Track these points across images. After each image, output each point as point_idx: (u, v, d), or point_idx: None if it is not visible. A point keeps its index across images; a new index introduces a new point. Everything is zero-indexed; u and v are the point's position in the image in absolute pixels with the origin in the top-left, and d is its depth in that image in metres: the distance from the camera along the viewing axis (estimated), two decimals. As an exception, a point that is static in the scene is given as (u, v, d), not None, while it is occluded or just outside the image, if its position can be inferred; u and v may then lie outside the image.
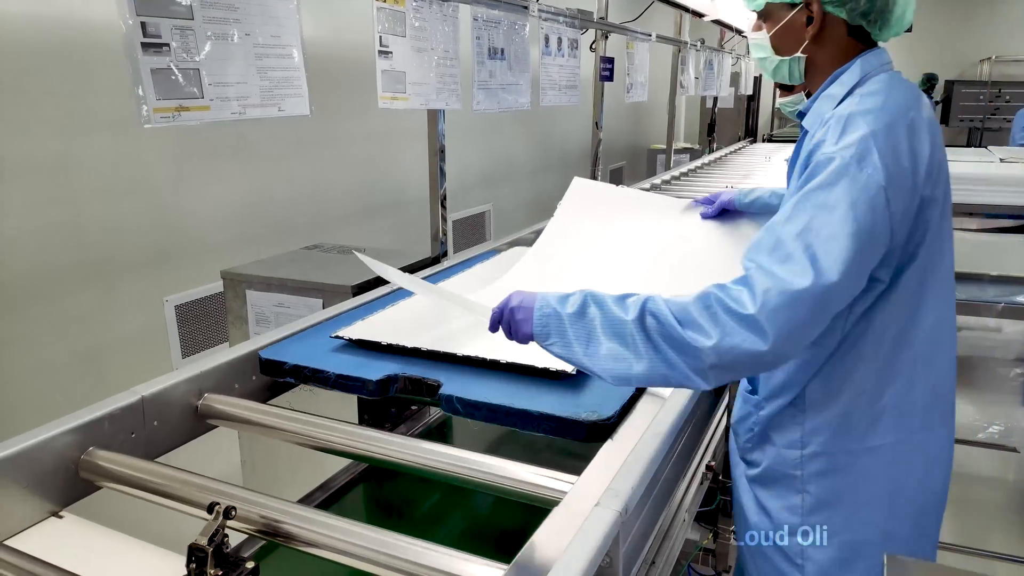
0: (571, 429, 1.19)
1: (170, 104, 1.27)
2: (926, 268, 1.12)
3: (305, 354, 1.52)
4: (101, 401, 1.31)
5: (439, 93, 2.12)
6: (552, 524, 0.97)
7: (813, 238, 1.00)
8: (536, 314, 1.09)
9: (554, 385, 1.32)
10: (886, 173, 1.02)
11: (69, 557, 0.97)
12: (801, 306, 0.97)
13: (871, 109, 1.07)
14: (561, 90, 3.03)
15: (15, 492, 1.14)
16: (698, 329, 1.00)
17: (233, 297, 2.31)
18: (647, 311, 1.03)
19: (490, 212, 5.75)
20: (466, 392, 1.30)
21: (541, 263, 1.92)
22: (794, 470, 1.22)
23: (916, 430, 1.17)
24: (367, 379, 1.38)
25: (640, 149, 8.61)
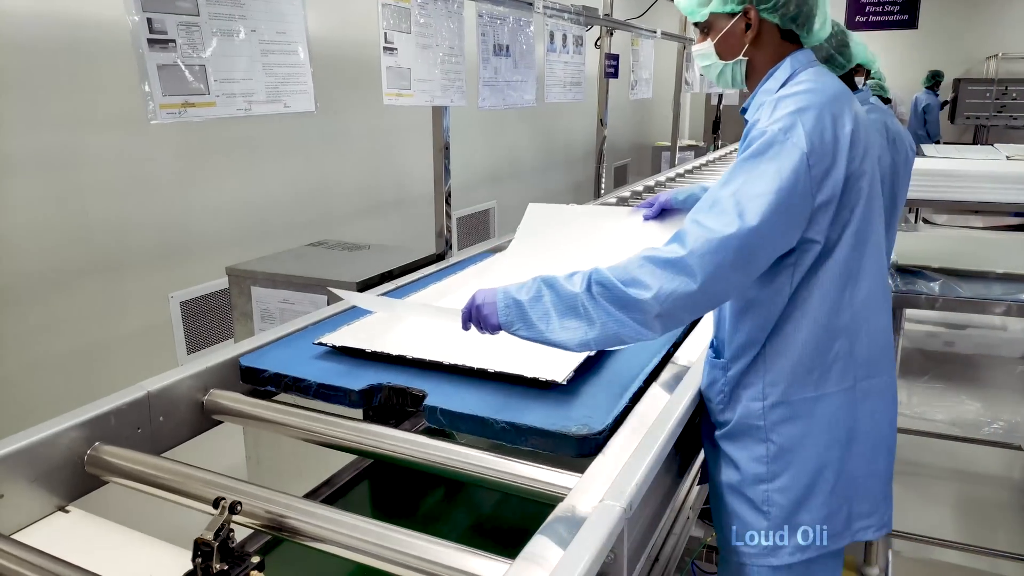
0: (560, 443, 1.15)
1: (176, 100, 1.27)
2: (859, 235, 1.26)
3: (287, 361, 1.47)
4: (107, 396, 1.32)
5: (444, 90, 2.12)
6: (556, 520, 0.97)
7: (742, 196, 1.15)
8: (499, 306, 1.22)
9: (543, 395, 1.29)
10: (809, 141, 1.17)
11: (75, 551, 0.97)
12: (725, 250, 1.13)
13: (798, 92, 1.24)
14: (566, 87, 3.02)
15: (22, 487, 1.15)
16: (639, 285, 1.14)
17: (238, 293, 2.31)
18: (593, 281, 1.17)
19: (494, 209, 5.75)
20: (452, 403, 1.25)
21: (502, 272, 1.90)
22: (758, 420, 1.33)
23: (862, 377, 1.32)
24: (349, 389, 1.34)
25: (645, 146, 8.59)
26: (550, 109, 6.45)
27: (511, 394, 1.29)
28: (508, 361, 1.35)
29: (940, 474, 3.02)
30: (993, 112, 9.89)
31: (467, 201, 5.27)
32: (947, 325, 4.39)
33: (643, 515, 1.24)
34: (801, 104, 1.21)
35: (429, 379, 1.36)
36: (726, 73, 1.37)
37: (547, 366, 1.33)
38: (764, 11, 1.30)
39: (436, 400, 1.27)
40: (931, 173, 4.54)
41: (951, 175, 4.57)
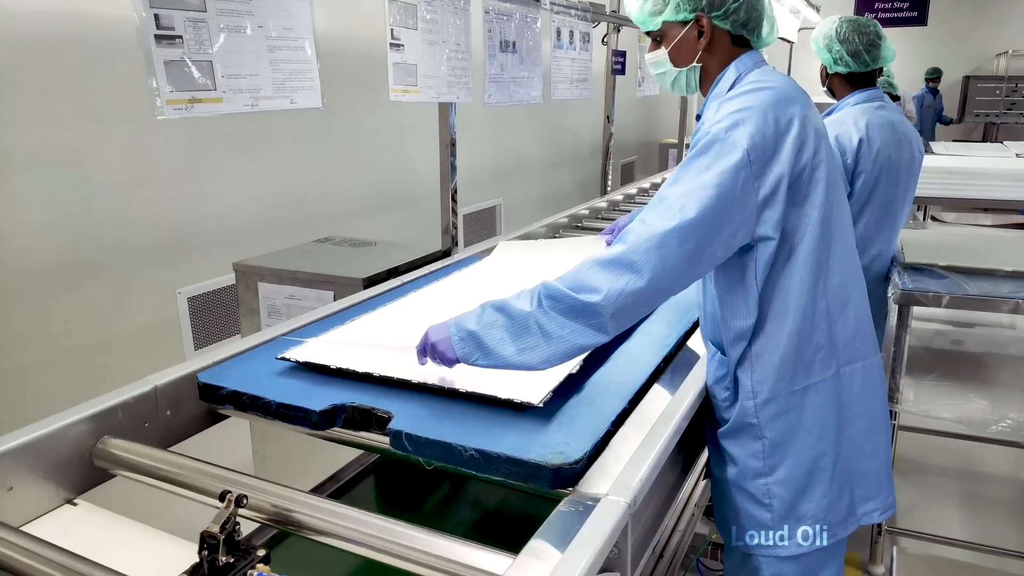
0: (533, 474, 1.06)
1: (183, 96, 1.28)
2: (824, 224, 1.29)
3: (247, 377, 1.38)
4: (115, 391, 1.33)
5: (450, 86, 2.12)
6: (561, 515, 0.98)
7: (684, 192, 1.18)
8: (454, 339, 1.20)
9: (518, 419, 1.20)
10: (749, 139, 1.20)
11: (83, 544, 0.98)
12: (668, 243, 1.15)
13: (742, 94, 1.27)
14: (573, 83, 3.02)
15: (31, 479, 1.15)
16: (589, 289, 1.14)
17: (245, 289, 2.32)
18: (542, 296, 1.17)
19: (500, 206, 5.75)
20: (418, 427, 1.17)
21: (451, 300, 1.82)
22: (752, 418, 1.35)
23: (844, 362, 1.35)
24: (309, 409, 1.25)
25: (651, 144, 8.58)
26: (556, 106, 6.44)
27: (484, 417, 1.20)
28: (482, 380, 1.27)
29: (947, 473, 3.01)
30: (1003, 109, 9.83)
31: (473, 198, 5.27)
32: (955, 323, 4.37)
33: (647, 511, 1.25)
34: (744, 104, 1.24)
35: (396, 399, 1.28)
36: (680, 80, 1.40)
37: (523, 386, 1.24)
38: (716, 18, 1.34)
39: (402, 423, 1.18)
40: (940, 170, 4.52)
41: (960, 172, 4.55)
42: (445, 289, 1.93)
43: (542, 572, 0.85)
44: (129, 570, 0.89)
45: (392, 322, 1.64)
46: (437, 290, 1.92)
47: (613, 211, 3.55)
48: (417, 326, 1.56)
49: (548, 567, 0.85)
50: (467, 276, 2.06)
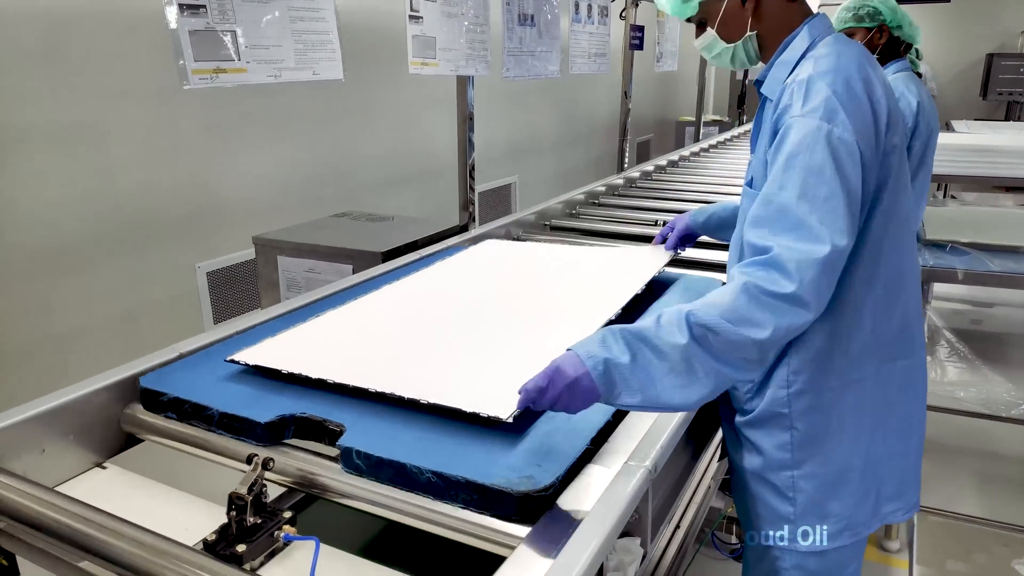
0: (496, 502, 0.93)
1: (208, 66, 1.29)
2: (887, 214, 1.21)
3: (191, 382, 1.26)
4: (142, 357, 1.35)
5: (468, 59, 2.12)
6: (584, 480, 0.99)
7: (812, 201, 1.08)
8: (594, 375, 1.02)
9: (484, 436, 1.06)
10: (854, 127, 1.11)
11: (113, 505, 1.00)
12: (827, 270, 1.07)
13: (828, 70, 1.16)
14: (591, 58, 3.00)
15: (61, 443, 1.18)
16: (751, 323, 1.04)
17: (265, 263, 2.34)
18: (693, 324, 1.04)
19: (515, 184, 5.74)
20: (372, 443, 1.04)
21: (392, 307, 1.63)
22: (783, 408, 1.28)
23: (886, 360, 1.27)
24: (254, 421, 1.13)
25: (668, 121, 8.50)
26: (573, 82, 6.40)
27: (446, 433, 1.07)
28: (446, 390, 1.15)
29: (967, 453, 3.00)
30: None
31: (489, 176, 5.26)
32: (974, 303, 4.33)
33: (666, 481, 1.26)
34: (835, 86, 1.13)
35: (352, 409, 1.15)
36: (739, 54, 1.32)
37: (492, 398, 1.10)
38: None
39: (354, 438, 1.06)
40: (962, 148, 4.46)
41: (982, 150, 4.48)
42: (419, 285, 1.77)
43: (563, 533, 0.86)
44: (159, 530, 0.91)
45: (357, 321, 1.51)
46: (411, 284, 1.77)
47: (631, 187, 3.53)
48: (383, 326, 1.47)
49: (569, 530, 0.86)
50: (443, 272, 1.88)
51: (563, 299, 1.59)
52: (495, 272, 1.85)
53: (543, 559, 0.82)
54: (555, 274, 1.80)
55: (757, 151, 1.30)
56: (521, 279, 1.78)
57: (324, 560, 0.97)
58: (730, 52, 1.32)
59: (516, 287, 1.71)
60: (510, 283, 1.75)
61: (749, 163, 1.36)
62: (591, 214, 2.98)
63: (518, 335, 1.39)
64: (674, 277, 1.82)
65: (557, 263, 1.90)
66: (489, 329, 1.44)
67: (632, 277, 1.67)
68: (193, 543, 0.95)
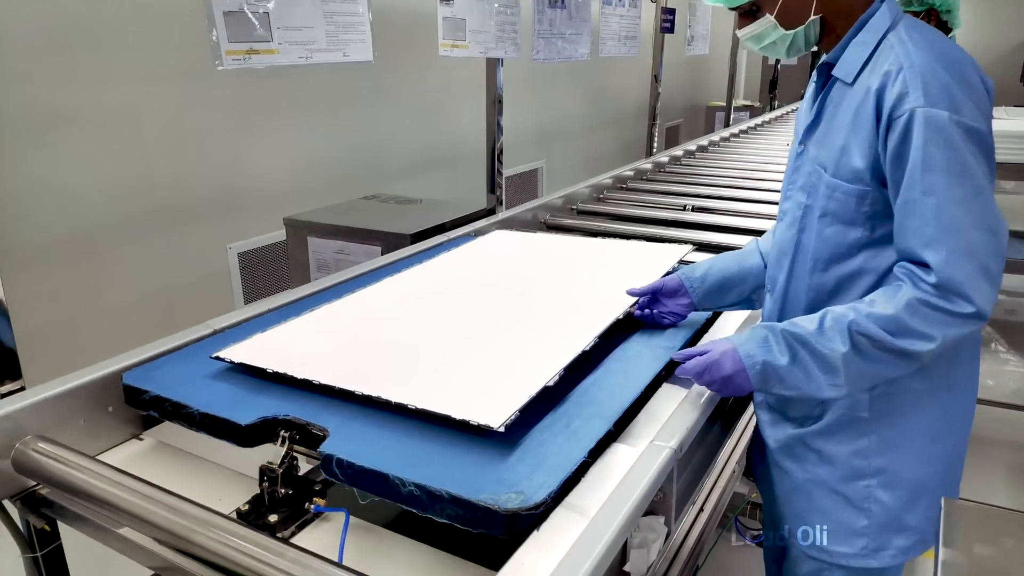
0: (481, 519, 0.87)
1: (241, 47, 1.31)
2: None
3: (175, 380, 1.21)
4: (177, 333, 1.38)
5: (498, 42, 2.11)
6: (610, 457, 1.00)
7: (962, 202, 1.03)
8: (751, 373, 1.12)
9: (475, 445, 1.00)
10: (980, 113, 1.06)
11: (149, 475, 1.03)
12: (995, 275, 1.05)
13: (933, 56, 1.07)
14: (621, 41, 2.98)
15: (100, 415, 1.22)
16: (915, 335, 1.04)
17: (295, 244, 2.37)
18: (854, 333, 1.06)
19: (543, 169, 5.72)
20: (355, 451, 0.98)
21: None
22: (863, 411, 1.20)
23: (959, 363, 1.21)
24: (235, 423, 1.08)
25: (698, 106, 8.41)
26: (602, 66, 6.35)
27: (435, 441, 1.01)
28: (437, 395, 1.08)
29: (998, 443, 2.96)
30: (1070, 73, 9.35)
31: (516, 160, 5.26)
32: (1008, 292, 4.24)
33: (692, 463, 1.26)
34: (951, 74, 1.06)
35: (336, 412, 1.09)
36: (798, 41, 1.20)
37: (484, 404, 1.04)
38: None
39: (336, 445, 1.00)
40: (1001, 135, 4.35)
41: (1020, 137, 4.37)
42: (419, 279, 1.70)
43: (593, 507, 0.87)
44: (195, 499, 0.94)
45: (350, 317, 1.46)
46: (411, 278, 1.70)
47: (659, 172, 3.51)
48: (377, 324, 1.40)
49: (597, 505, 0.88)
50: (445, 266, 1.82)
51: (566, 299, 1.52)
52: (500, 267, 1.78)
53: (568, 531, 0.84)
54: (563, 270, 1.73)
55: (831, 136, 1.17)
56: (527, 275, 1.70)
57: (353, 532, 0.99)
58: (788, 40, 1.19)
59: (520, 284, 1.65)
60: (515, 279, 1.68)
61: (801, 150, 1.25)
62: (618, 198, 2.97)
63: (517, 337, 1.32)
64: None
65: (567, 257, 1.83)
66: (487, 330, 1.37)
67: (644, 273, 1.59)
68: (227, 512, 0.97)
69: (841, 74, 1.16)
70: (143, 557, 1.01)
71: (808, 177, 1.21)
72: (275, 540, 0.86)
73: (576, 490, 0.92)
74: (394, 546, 0.99)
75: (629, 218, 2.64)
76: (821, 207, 1.17)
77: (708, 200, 2.79)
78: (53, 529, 1.17)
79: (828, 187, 1.15)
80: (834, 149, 1.15)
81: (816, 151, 1.20)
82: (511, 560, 0.81)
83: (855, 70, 1.14)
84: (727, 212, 2.62)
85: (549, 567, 0.77)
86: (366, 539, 1.00)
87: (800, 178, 1.24)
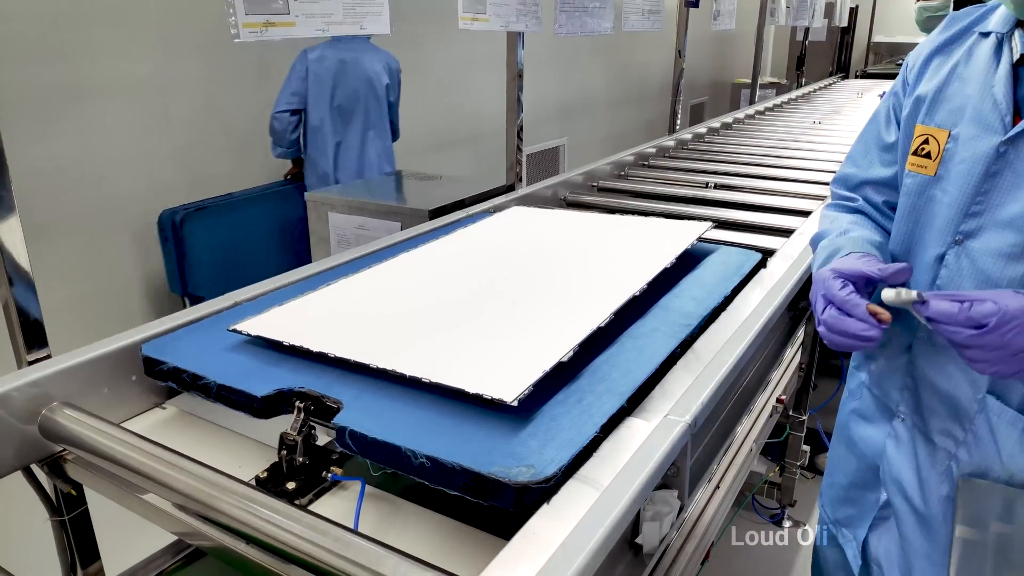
0: (492, 492, 0.88)
1: (258, 19, 1.30)
2: None
3: (193, 351, 1.24)
4: (200, 304, 1.40)
5: (519, 15, 2.09)
6: (624, 431, 1.00)
7: None
8: None
9: (487, 419, 1.00)
10: None
11: (173, 441, 1.05)
12: None
13: None
14: (644, 15, 2.93)
15: (123, 383, 1.24)
16: None
17: (316, 219, 2.39)
18: None
19: (564, 146, 5.69)
20: (367, 423, 0.99)
21: None
22: None
23: None
24: (251, 394, 1.10)
25: (723, 83, 8.28)
26: (625, 41, 6.27)
27: (448, 415, 1.02)
28: (451, 368, 1.09)
29: None
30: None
31: (537, 138, 5.23)
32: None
33: (707, 439, 1.26)
34: None
35: (351, 385, 1.11)
36: None
37: (499, 378, 1.04)
38: None
39: (350, 417, 1.02)
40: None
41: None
42: (436, 253, 1.71)
43: (606, 479, 0.88)
44: (215, 466, 0.96)
45: (367, 291, 1.47)
46: (428, 253, 1.71)
47: (682, 149, 3.47)
48: (393, 297, 1.40)
49: (609, 477, 0.88)
50: (463, 241, 1.81)
51: (583, 275, 1.51)
52: (516, 243, 1.78)
53: (580, 502, 0.84)
54: (580, 246, 1.71)
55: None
56: (543, 251, 1.70)
57: (368, 500, 1.01)
58: None
59: (536, 260, 1.64)
60: (530, 255, 1.67)
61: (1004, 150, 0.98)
62: (640, 175, 2.95)
63: (532, 312, 1.31)
64: (710, 249, 1.72)
65: (584, 233, 1.81)
66: (503, 305, 1.37)
67: (662, 250, 1.58)
68: (247, 479, 0.99)
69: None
70: (165, 522, 1.04)
71: None
72: (293, 507, 0.88)
73: (589, 463, 0.92)
74: (409, 515, 1.00)
75: (650, 195, 2.62)
76: None
77: (731, 178, 2.76)
78: (79, 494, 1.20)
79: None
80: None
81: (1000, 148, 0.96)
82: (523, 529, 0.82)
83: None
84: (750, 190, 2.59)
85: (560, 536, 0.78)
86: (382, 507, 1.02)
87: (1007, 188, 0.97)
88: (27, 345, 1.25)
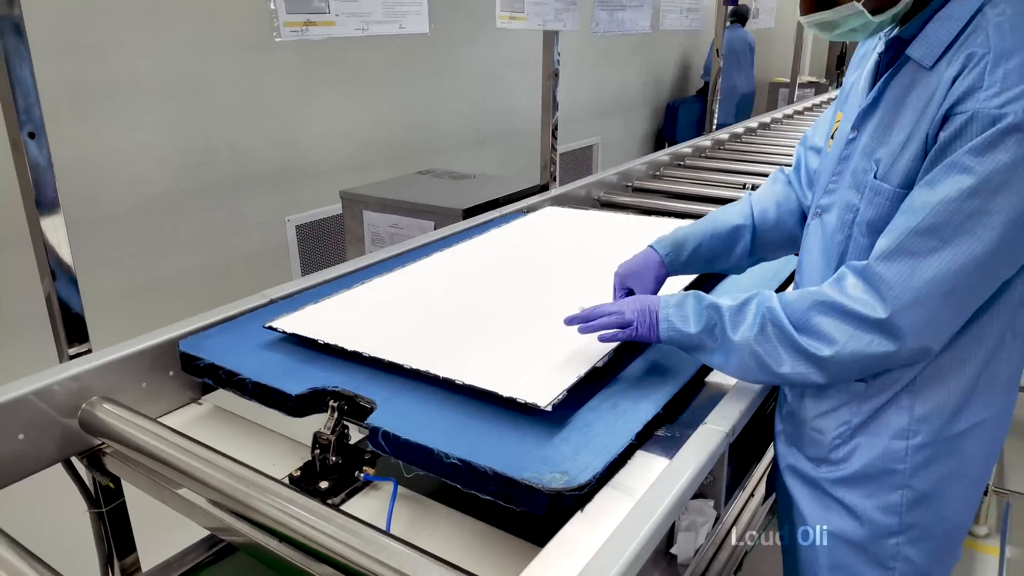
0: (524, 497, 0.86)
1: (299, 19, 1.31)
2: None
3: (228, 349, 1.24)
4: (235, 302, 1.41)
5: (557, 13, 2.08)
6: (659, 440, 0.98)
7: (970, 210, 0.87)
8: (662, 330, 1.05)
9: (521, 423, 0.99)
10: None
11: (208, 438, 1.06)
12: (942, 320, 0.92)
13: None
14: (683, 13, 2.90)
15: (161, 378, 1.26)
16: (817, 335, 0.95)
17: (351, 217, 2.40)
18: (768, 322, 0.99)
19: (598, 146, 5.65)
20: (400, 424, 0.99)
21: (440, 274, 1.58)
22: (898, 464, 1.04)
23: (1001, 398, 1.05)
24: (286, 392, 1.10)
25: (761, 83, 8.15)
26: (662, 40, 6.21)
27: (481, 418, 1.00)
28: (485, 371, 1.08)
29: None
30: None
31: (571, 136, 5.20)
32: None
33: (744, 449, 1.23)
34: None
35: (385, 385, 1.10)
36: (885, 22, 1.00)
37: (533, 382, 1.03)
38: None
39: (383, 417, 1.01)
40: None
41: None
42: (470, 254, 1.70)
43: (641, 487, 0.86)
44: (249, 463, 0.96)
45: (401, 291, 1.47)
46: (462, 253, 1.71)
47: (718, 150, 3.43)
48: (426, 298, 1.40)
49: (645, 485, 0.87)
50: (497, 242, 1.81)
51: None
52: (551, 244, 1.77)
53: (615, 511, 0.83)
54: (615, 248, 1.65)
55: (892, 130, 0.99)
56: (577, 253, 1.68)
57: (400, 501, 1.01)
58: (873, 27, 0.99)
59: (571, 261, 1.63)
60: (565, 256, 1.66)
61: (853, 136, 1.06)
62: (675, 175, 2.91)
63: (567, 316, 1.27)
64: None
65: (619, 235, 1.79)
66: (537, 307, 1.36)
67: None
68: (280, 477, 1.00)
69: (918, 55, 0.96)
70: (199, 517, 1.05)
71: (862, 175, 1.02)
72: (325, 506, 0.88)
73: (623, 470, 0.91)
74: (441, 517, 1.00)
75: (686, 196, 2.58)
76: (862, 211, 1.01)
77: (769, 179, 2.70)
78: (117, 487, 1.22)
79: (872, 190, 0.99)
80: (893, 145, 0.97)
81: (871, 142, 1.02)
82: (556, 536, 0.81)
83: (936, 51, 0.94)
84: (788, 192, 2.54)
85: (595, 545, 0.77)
86: (414, 508, 1.01)
87: (848, 171, 1.06)
88: (68, 340, 1.27)
